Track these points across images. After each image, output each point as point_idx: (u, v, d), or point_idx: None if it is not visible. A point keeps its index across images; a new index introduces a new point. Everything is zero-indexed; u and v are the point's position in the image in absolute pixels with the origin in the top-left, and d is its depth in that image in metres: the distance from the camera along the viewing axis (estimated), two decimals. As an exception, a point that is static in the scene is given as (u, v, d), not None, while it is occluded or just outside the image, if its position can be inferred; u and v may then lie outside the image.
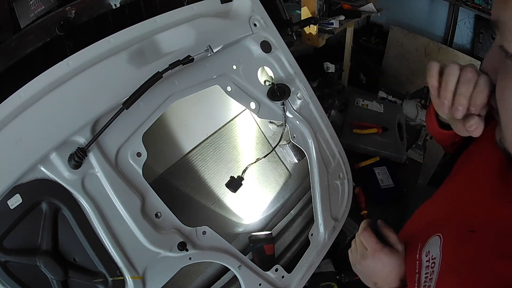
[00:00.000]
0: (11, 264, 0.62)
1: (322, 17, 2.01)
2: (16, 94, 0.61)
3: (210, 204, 1.06)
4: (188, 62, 0.74)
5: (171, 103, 0.80)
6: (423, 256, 0.67)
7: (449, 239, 0.63)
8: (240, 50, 0.93)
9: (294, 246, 1.12)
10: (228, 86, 0.90)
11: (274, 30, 0.99)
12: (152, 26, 0.78)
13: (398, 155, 1.74)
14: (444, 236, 0.64)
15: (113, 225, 0.71)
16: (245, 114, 1.16)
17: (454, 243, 0.62)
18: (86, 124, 0.67)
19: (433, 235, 0.67)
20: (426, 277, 0.64)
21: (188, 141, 1.05)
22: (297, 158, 1.16)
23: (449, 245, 0.62)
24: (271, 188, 1.20)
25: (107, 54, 0.71)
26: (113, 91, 0.70)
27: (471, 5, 2.43)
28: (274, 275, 0.99)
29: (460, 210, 0.68)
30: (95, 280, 0.70)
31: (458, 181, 0.76)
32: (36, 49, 0.72)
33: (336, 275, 1.27)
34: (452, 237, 0.63)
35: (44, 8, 0.76)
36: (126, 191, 0.72)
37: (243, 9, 0.93)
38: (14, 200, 0.61)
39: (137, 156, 0.74)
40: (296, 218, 1.16)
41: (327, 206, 1.11)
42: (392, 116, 1.94)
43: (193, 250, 0.80)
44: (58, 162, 0.65)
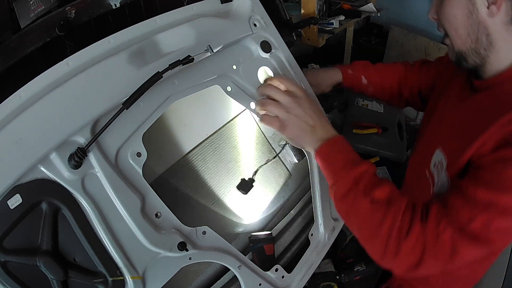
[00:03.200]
0: (11, 264, 0.62)
1: (322, 17, 2.01)
2: (16, 94, 0.61)
3: (210, 204, 1.06)
4: (188, 62, 0.74)
5: (171, 103, 0.80)
6: (433, 169, 0.85)
7: (447, 143, 0.82)
8: (240, 50, 0.93)
9: (294, 246, 1.12)
10: (228, 86, 0.90)
11: (274, 30, 0.99)
12: (152, 26, 0.78)
13: (398, 155, 1.74)
14: (442, 144, 0.83)
15: (113, 225, 0.71)
16: (245, 114, 1.16)
17: (452, 142, 0.80)
18: (86, 124, 0.67)
19: (434, 152, 0.85)
20: (438, 177, 0.81)
21: (188, 141, 1.05)
22: (297, 158, 1.16)
23: (448, 147, 0.81)
24: (271, 188, 1.20)
25: (107, 54, 0.71)
26: (113, 91, 0.70)
27: (471, 5, 2.43)
28: (274, 275, 0.99)
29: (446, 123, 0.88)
30: (95, 280, 0.70)
31: (437, 110, 0.96)
32: (36, 49, 0.72)
33: (336, 275, 1.27)
34: (449, 141, 0.82)
35: (44, 8, 0.76)
36: (126, 191, 0.72)
37: (243, 9, 0.93)
38: (14, 200, 0.61)
39: (137, 156, 0.74)
40: (296, 218, 1.16)
41: (327, 206, 1.11)
42: (392, 116, 1.94)
43: (193, 250, 0.80)
44: (58, 162, 0.65)
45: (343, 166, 0.74)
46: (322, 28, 1.99)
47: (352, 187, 0.72)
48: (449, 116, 0.89)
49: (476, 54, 0.76)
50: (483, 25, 0.72)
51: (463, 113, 0.83)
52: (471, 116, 0.79)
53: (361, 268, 1.30)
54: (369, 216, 0.70)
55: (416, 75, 1.17)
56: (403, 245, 0.65)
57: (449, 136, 0.84)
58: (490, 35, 0.73)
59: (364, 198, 0.70)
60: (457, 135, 0.80)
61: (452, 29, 0.77)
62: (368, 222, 0.70)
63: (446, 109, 0.93)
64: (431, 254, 0.65)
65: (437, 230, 0.64)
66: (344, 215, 0.76)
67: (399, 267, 0.69)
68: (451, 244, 0.64)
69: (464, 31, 0.75)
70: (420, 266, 0.66)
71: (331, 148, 0.77)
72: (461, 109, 0.85)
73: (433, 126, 0.97)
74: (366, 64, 1.21)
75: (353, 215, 0.73)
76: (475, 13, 0.72)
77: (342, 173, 0.74)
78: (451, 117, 0.88)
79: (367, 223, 0.70)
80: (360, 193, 0.71)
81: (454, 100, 0.90)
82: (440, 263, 0.66)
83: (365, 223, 0.71)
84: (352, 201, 0.72)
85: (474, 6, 0.71)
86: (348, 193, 0.72)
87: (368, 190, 0.70)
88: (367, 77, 1.17)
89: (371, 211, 0.69)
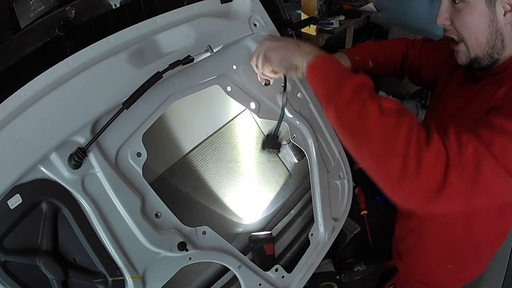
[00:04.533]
0: (11, 264, 0.62)
1: (322, 17, 2.01)
2: (16, 94, 0.61)
3: (210, 204, 1.06)
4: (188, 62, 0.74)
5: (171, 103, 0.80)
6: None
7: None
8: (240, 50, 0.93)
9: (294, 246, 1.12)
10: (228, 86, 0.90)
11: (274, 30, 0.99)
12: (152, 26, 0.78)
13: (398, 155, 1.74)
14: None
15: (113, 225, 0.71)
16: (245, 114, 1.16)
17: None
18: (86, 124, 0.67)
19: None
20: None
21: (188, 141, 1.05)
22: (297, 158, 1.16)
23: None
24: (271, 188, 1.20)
25: (107, 54, 0.71)
26: (113, 91, 0.70)
27: (471, 5, 2.43)
28: (274, 275, 0.99)
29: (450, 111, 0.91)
30: (95, 280, 0.70)
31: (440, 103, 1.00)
32: (36, 49, 0.72)
33: (336, 275, 1.27)
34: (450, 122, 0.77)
35: (44, 8, 0.76)
36: (126, 191, 0.72)
37: (243, 9, 0.93)
38: (14, 200, 0.61)
39: (137, 156, 0.74)
40: (296, 218, 1.16)
41: (327, 206, 1.11)
42: (392, 116, 1.93)
43: (193, 250, 0.80)
44: (58, 162, 0.65)
45: (342, 74, 0.68)
46: (322, 28, 1.99)
47: (357, 92, 0.63)
48: (451, 105, 0.93)
49: (489, 57, 0.80)
50: (500, 32, 0.76)
51: (466, 100, 0.87)
52: (473, 101, 0.84)
53: (361, 268, 1.30)
54: (380, 124, 0.60)
55: (417, 53, 1.18)
56: (425, 156, 0.57)
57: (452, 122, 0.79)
58: (504, 40, 0.77)
59: (372, 103, 0.61)
60: (460, 119, 0.84)
61: (472, 38, 0.78)
62: (380, 131, 0.60)
63: (448, 99, 0.98)
64: (456, 168, 0.58)
65: (460, 141, 0.59)
66: (348, 128, 0.65)
67: (421, 190, 0.59)
68: (475, 158, 0.58)
69: (485, 39, 0.77)
70: (445, 187, 0.58)
71: (325, 60, 0.71)
72: (463, 96, 0.90)
73: (436, 116, 1.01)
74: (371, 47, 1.20)
75: (360, 125, 0.62)
76: (495, 21, 0.75)
77: (343, 79, 0.66)
78: (454, 105, 0.92)
79: (378, 133, 0.60)
80: (366, 97, 0.62)
81: (456, 90, 0.95)
82: (465, 185, 0.59)
83: (375, 132, 0.60)
84: (358, 107, 0.62)
85: (495, 15, 0.74)
86: (353, 99, 0.63)
87: (374, 97, 0.63)
88: (373, 61, 1.18)
89: (382, 118, 0.60)
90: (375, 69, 1.20)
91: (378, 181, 0.63)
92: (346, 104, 0.64)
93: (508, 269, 1.38)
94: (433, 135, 0.60)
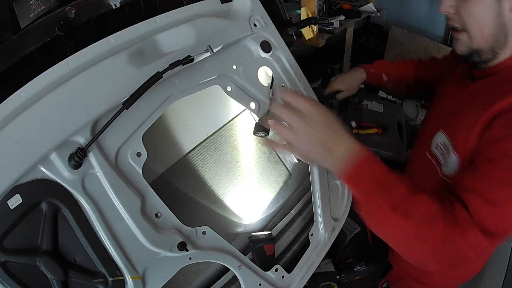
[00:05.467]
0: (11, 264, 0.62)
1: (322, 17, 2.01)
2: (16, 94, 0.61)
3: (210, 204, 1.06)
4: (188, 62, 0.74)
5: (171, 103, 0.80)
6: (434, 150, 0.94)
7: (447, 126, 0.90)
8: (240, 50, 0.93)
9: (294, 246, 1.12)
10: (228, 86, 0.90)
11: (274, 30, 0.99)
12: (152, 26, 0.78)
13: (398, 155, 1.74)
14: (444, 128, 0.90)
15: (113, 225, 0.71)
16: (245, 114, 1.16)
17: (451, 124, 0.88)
18: (86, 124, 0.67)
19: (435, 134, 0.93)
20: (443, 157, 0.90)
21: (188, 141, 1.05)
22: (297, 158, 1.16)
23: (449, 128, 0.89)
24: (271, 188, 1.20)
25: (107, 54, 0.71)
26: (113, 91, 0.70)
27: (471, 5, 2.43)
28: (274, 275, 0.99)
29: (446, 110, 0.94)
30: (95, 280, 0.70)
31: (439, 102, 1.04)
32: (36, 49, 0.72)
33: (336, 275, 1.27)
34: (448, 123, 0.90)
35: (44, 8, 0.76)
36: (126, 191, 0.72)
37: (243, 9, 0.93)
38: (14, 200, 0.61)
39: (137, 156, 0.74)
40: (296, 218, 1.16)
41: (327, 206, 1.11)
42: (392, 116, 1.94)
43: (193, 250, 0.80)
44: (58, 162, 0.65)
45: (375, 193, 0.67)
46: (322, 28, 2.00)
47: (389, 215, 0.67)
48: (449, 103, 0.96)
49: (491, 51, 0.81)
50: (504, 26, 0.77)
51: (463, 98, 0.90)
52: (471, 100, 0.86)
53: (361, 268, 1.30)
54: (408, 235, 0.69)
55: (425, 71, 1.31)
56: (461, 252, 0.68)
57: (450, 119, 0.90)
58: (507, 34, 0.77)
59: (405, 221, 0.67)
60: (458, 116, 0.86)
61: (477, 28, 0.79)
62: (407, 240, 0.70)
63: (446, 98, 1.01)
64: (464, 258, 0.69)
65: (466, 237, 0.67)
66: (383, 237, 0.73)
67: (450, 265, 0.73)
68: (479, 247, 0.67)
69: (489, 31, 0.78)
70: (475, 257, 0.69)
71: (357, 172, 0.67)
72: (461, 95, 0.92)
73: (434, 114, 1.06)
74: (385, 63, 1.39)
75: (392, 237, 0.73)
76: (501, 14, 0.75)
77: (376, 202, 0.67)
78: (452, 103, 0.94)
79: (406, 241, 0.70)
80: (398, 218, 0.67)
81: (454, 89, 0.98)
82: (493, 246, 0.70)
83: (404, 241, 0.71)
84: (392, 227, 0.69)
85: (501, 8, 0.75)
86: (386, 221, 0.69)
87: (406, 213, 0.66)
88: (387, 75, 1.33)
89: (411, 230, 0.68)
90: (389, 84, 1.34)
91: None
92: (381, 225, 0.71)
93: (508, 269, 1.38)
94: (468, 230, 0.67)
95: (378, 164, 0.68)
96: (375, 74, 1.33)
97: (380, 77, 1.34)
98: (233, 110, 1.14)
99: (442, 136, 0.91)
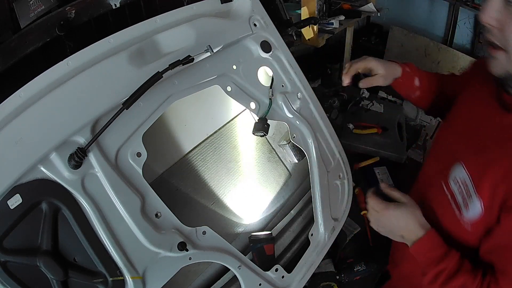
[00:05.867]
0: (11, 264, 0.62)
1: (322, 17, 2.01)
2: (16, 94, 0.61)
3: (210, 204, 1.06)
4: (188, 62, 0.74)
5: (171, 103, 0.80)
6: (452, 184, 0.83)
7: (470, 160, 0.80)
8: (240, 50, 0.93)
9: (294, 246, 1.12)
10: (228, 86, 0.90)
11: (274, 30, 0.99)
12: (152, 26, 0.78)
13: (398, 155, 1.74)
14: (465, 162, 0.80)
15: (113, 225, 0.71)
16: (245, 114, 1.16)
17: (476, 160, 0.78)
18: (86, 124, 0.67)
19: (453, 165, 0.83)
20: (463, 198, 0.80)
21: (188, 141, 1.05)
22: (297, 158, 1.16)
23: (472, 164, 0.79)
24: (271, 188, 1.20)
25: (107, 54, 0.71)
26: (113, 91, 0.70)
27: (471, 5, 2.43)
28: (274, 275, 0.99)
29: (469, 136, 0.84)
30: (95, 280, 0.70)
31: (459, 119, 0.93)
32: (36, 49, 0.72)
33: (336, 275, 1.27)
34: (472, 157, 0.80)
35: (44, 8, 0.76)
36: (126, 191, 0.72)
37: (243, 9, 0.93)
38: (14, 200, 0.61)
39: (137, 156, 0.74)
40: (296, 218, 1.16)
41: (327, 206, 1.11)
42: (392, 116, 1.94)
43: (193, 250, 0.80)
44: (58, 162, 0.65)
45: (428, 263, 0.83)
46: (322, 28, 1.99)
47: (433, 280, 0.83)
48: (474, 131, 0.84)
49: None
50: None
51: (491, 131, 0.79)
52: (500, 136, 0.76)
53: (361, 268, 1.30)
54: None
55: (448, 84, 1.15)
56: None
57: (474, 153, 0.79)
58: None
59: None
60: (487, 154, 0.76)
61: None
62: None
63: (470, 122, 0.87)
64: None
65: None
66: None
67: None
68: None
69: None
70: None
71: (419, 249, 0.84)
72: (488, 126, 0.80)
73: (453, 136, 0.93)
74: (420, 69, 1.17)
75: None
76: None
77: (427, 269, 0.84)
78: (477, 132, 0.82)
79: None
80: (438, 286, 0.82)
81: (480, 114, 0.85)
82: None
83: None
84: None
85: None
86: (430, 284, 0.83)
87: (445, 283, 0.80)
88: (419, 79, 1.13)
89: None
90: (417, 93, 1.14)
91: None
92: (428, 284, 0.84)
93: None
94: None
95: (435, 242, 0.83)
96: (409, 75, 1.10)
97: (412, 80, 1.12)
98: (233, 110, 1.14)
99: (462, 171, 0.79)
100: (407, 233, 0.85)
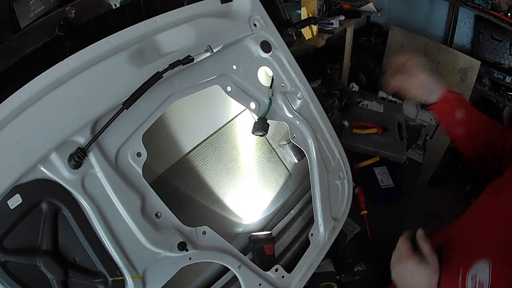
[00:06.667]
0: (11, 264, 0.62)
1: (322, 17, 2.01)
2: (16, 94, 0.61)
3: (210, 204, 1.06)
4: (188, 62, 0.74)
5: (171, 103, 0.80)
6: (468, 280, 0.69)
7: (501, 265, 0.65)
8: (240, 50, 0.93)
9: (294, 246, 1.12)
10: (228, 86, 0.90)
11: (274, 30, 0.99)
12: (152, 26, 0.78)
13: (398, 155, 1.74)
14: (494, 261, 0.66)
15: (113, 225, 0.71)
16: (245, 114, 1.16)
17: (507, 269, 0.64)
18: (86, 124, 0.67)
19: (480, 260, 0.68)
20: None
21: (188, 141, 1.05)
22: (297, 158, 1.16)
23: (500, 271, 0.65)
24: (271, 188, 1.20)
25: (107, 54, 0.71)
26: (113, 91, 0.70)
27: (471, 5, 2.43)
28: (274, 275, 0.99)
29: (499, 230, 0.70)
30: (95, 280, 0.70)
31: (504, 205, 0.75)
32: (36, 49, 0.72)
33: (336, 275, 1.27)
34: (504, 263, 0.65)
35: (44, 8, 0.76)
36: (126, 191, 0.72)
37: (243, 9, 0.93)
38: (14, 200, 0.61)
39: (137, 156, 0.74)
40: (296, 218, 1.16)
41: (327, 206, 1.11)
42: (392, 116, 1.94)
43: (193, 250, 0.80)
44: (58, 162, 0.65)
45: None
46: (322, 28, 1.99)
47: None
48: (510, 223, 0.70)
49: None
50: None
51: None
52: None
53: (361, 268, 1.30)
54: None
55: (498, 133, 0.96)
56: None
57: (504, 255, 0.67)
58: None
59: None
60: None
61: None
62: None
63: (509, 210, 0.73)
64: None
65: None
66: None
67: None
68: None
69: None
70: None
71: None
72: None
73: (486, 218, 0.78)
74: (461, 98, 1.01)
75: None
76: None
77: None
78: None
79: None
80: None
81: None
82: None
83: None
84: None
85: None
86: None
87: None
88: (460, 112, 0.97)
89: None
90: (459, 129, 1.00)
91: None
92: None
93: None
94: None
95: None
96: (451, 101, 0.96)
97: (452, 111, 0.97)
98: (233, 110, 1.14)
99: (486, 273, 0.65)
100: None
